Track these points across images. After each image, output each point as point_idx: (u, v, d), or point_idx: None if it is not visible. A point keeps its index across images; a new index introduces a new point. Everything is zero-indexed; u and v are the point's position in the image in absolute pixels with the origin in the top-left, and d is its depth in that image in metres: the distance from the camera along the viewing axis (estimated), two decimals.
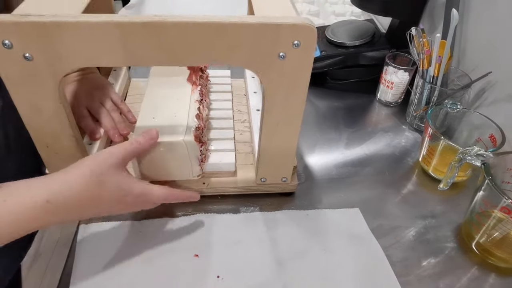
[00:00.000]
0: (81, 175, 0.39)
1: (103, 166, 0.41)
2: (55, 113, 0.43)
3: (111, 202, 0.42)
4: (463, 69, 0.69)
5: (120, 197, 0.42)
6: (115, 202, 0.42)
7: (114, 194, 0.41)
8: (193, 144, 0.49)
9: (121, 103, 0.62)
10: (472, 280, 0.48)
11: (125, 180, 0.43)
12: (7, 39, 0.36)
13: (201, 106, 0.55)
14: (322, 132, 0.71)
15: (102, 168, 0.40)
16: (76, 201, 0.39)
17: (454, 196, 0.59)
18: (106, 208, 0.42)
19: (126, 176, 0.43)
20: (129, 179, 0.43)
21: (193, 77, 0.59)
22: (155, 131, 0.47)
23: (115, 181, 0.41)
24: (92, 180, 0.39)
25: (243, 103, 0.69)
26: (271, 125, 0.47)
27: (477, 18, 0.67)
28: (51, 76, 0.39)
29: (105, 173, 0.40)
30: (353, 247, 0.51)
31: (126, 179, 0.43)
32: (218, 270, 0.47)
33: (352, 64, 0.79)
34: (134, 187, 0.43)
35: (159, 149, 0.48)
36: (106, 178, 0.40)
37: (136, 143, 0.45)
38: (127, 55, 0.39)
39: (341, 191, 0.59)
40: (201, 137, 0.51)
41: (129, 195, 0.42)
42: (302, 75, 0.42)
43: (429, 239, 0.53)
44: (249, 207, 0.55)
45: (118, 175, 0.42)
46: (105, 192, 0.40)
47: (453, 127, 0.64)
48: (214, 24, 0.37)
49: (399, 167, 0.64)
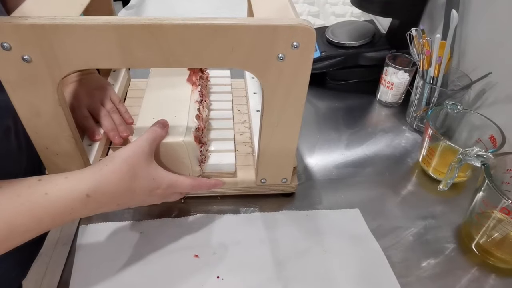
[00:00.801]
0: (118, 169, 0.41)
1: (135, 159, 0.42)
2: (54, 114, 0.43)
3: (144, 194, 0.43)
4: (463, 69, 0.69)
5: (152, 189, 0.43)
6: (146, 194, 0.44)
7: (146, 186, 0.43)
8: (193, 144, 0.49)
9: (119, 103, 0.62)
10: (472, 280, 0.48)
11: (156, 172, 0.44)
12: (6, 41, 0.36)
13: (201, 107, 0.55)
14: (322, 133, 0.71)
15: (134, 161, 0.42)
16: (113, 194, 0.41)
17: (454, 197, 0.59)
18: (139, 199, 0.44)
19: (157, 168, 0.44)
20: (159, 170, 0.45)
21: (193, 77, 0.59)
22: (163, 120, 0.49)
23: (147, 173, 0.43)
24: (128, 173, 0.41)
25: (243, 104, 0.69)
26: (271, 126, 0.47)
27: (477, 18, 0.67)
28: (49, 78, 0.39)
29: (137, 165, 0.42)
30: (353, 248, 0.51)
31: (157, 171, 0.44)
32: (218, 270, 0.47)
33: (352, 64, 0.79)
34: (164, 178, 0.44)
35: (159, 149, 0.48)
36: (139, 170, 0.42)
37: (154, 132, 0.46)
38: (126, 57, 0.39)
39: (341, 191, 0.59)
40: (201, 137, 0.52)
41: (159, 187, 0.44)
42: (302, 76, 0.42)
43: (429, 239, 0.53)
44: (249, 208, 0.55)
45: (149, 167, 0.43)
46: (138, 184, 0.42)
47: (453, 128, 0.64)
48: (213, 26, 0.37)
49: (399, 168, 0.64)
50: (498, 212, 0.46)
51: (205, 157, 0.54)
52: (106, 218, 0.52)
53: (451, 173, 0.52)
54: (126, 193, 0.41)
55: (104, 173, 0.40)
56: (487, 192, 0.47)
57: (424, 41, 0.65)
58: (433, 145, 0.59)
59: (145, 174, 0.43)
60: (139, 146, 0.43)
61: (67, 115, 0.44)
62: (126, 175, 0.41)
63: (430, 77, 0.66)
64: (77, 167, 0.49)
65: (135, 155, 0.42)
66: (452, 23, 0.61)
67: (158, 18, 0.37)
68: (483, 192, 0.48)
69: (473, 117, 0.60)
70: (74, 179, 0.39)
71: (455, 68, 0.70)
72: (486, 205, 0.48)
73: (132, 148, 0.43)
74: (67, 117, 0.44)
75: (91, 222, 0.51)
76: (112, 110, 0.60)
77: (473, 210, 0.51)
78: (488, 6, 0.64)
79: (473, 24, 0.68)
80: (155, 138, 0.46)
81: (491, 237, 0.49)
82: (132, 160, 0.42)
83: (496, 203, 0.46)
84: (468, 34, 0.69)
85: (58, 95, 0.41)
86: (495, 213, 0.47)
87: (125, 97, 0.70)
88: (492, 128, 0.57)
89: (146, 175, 0.43)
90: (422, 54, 0.66)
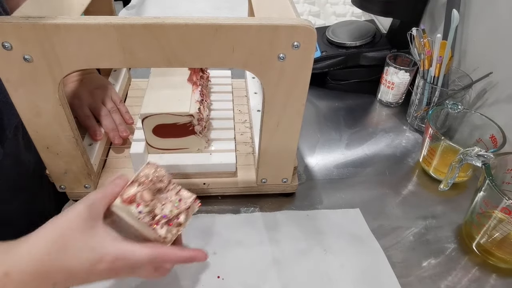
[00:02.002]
0: (42, 241, 0.33)
1: (65, 226, 0.34)
2: (55, 114, 0.43)
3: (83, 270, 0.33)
4: (464, 69, 0.69)
5: (92, 263, 0.34)
6: (87, 271, 0.34)
7: (84, 260, 0.33)
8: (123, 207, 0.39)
9: (120, 103, 0.62)
10: (472, 281, 0.48)
11: (96, 241, 0.34)
12: (7, 41, 0.36)
13: (202, 107, 0.55)
14: (322, 133, 0.71)
15: (64, 229, 0.34)
16: (39, 271, 0.32)
17: (454, 197, 0.59)
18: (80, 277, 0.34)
19: (98, 235, 0.35)
20: (103, 238, 0.35)
21: (194, 77, 0.59)
22: (123, 177, 0.39)
23: (83, 242, 0.34)
24: (55, 244, 0.33)
25: (243, 104, 0.69)
26: (271, 126, 0.47)
27: (478, 18, 0.66)
28: (50, 77, 0.39)
29: (68, 234, 0.34)
30: (354, 248, 0.51)
31: (97, 239, 0.34)
32: (218, 270, 0.47)
33: (353, 64, 0.79)
34: (108, 248, 0.34)
35: None
36: (71, 240, 0.33)
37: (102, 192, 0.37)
38: (126, 57, 0.39)
39: (341, 191, 0.59)
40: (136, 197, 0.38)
41: (103, 260, 0.34)
42: (302, 76, 0.42)
43: (429, 239, 0.53)
44: (250, 208, 0.55)
45: (86, 235, 0.34)
46: (72, 257, 0.33)
47: (453, 128, 0.64)
48: (214, 26, 0.37)
49: (400, 168, 0.64)
50: (498, 212, 0.46)
51: (157, 216, 0.38)
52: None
53: (452, 173, 0.52)
54: (58, 270, 0.33)
55: (26, 246, 0.32)
56: (488, 192, 0.47)
57: (425, 41, 0.65)
58: (433, 145, 0.59)
59: (80, 244, 0.34)
60: (73, 211, 0.35)
61: (68, 115, 0.44)
62: (52, 247, 0.33)
63: (431, 77, 0.66)
64: (77, 167, 0.49)
65: (66, 221, 0.34)
66: (453, 23, 0.60)
67: (159, 18, 0.37)
68: (483, 192, 0.48)
69: (474, 117, 0.60)
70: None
71: (456, 68, 0.70)
72: (486, 205, 0.48)
73: (65, 214, 0.35)
74: (68, 116, 0.44)
75: None
76: (113, 109, 0.60)
77: (473, 210, 0.51)
78: (489, 5, 0.64)
79: (474, 24, 0.67)
80: (102, 198, 0.37)
81: (492, 237, 0.49)
82: (61, 229, 0.34)
83: (497, 203, 0.46)
84: (469, 34, 0.69)
85: (59, 94, 0.41)
86: (496, 213, 0.47)
87: (125, 97, 0.70)
88: (493, 128, 0.57)
89: (81, 245, 0.33)
90: (423, 54, 0.66)
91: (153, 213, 0.38)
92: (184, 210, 0.39)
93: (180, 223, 0.39)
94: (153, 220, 0.37)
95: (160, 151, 0.55)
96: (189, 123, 0.52)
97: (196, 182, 0.55)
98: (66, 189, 0.52)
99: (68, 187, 0.52)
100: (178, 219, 0.39)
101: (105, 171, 0.56)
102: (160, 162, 0.53)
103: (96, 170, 0.54)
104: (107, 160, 0.58)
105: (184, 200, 0.40)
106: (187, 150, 0.55)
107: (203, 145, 0.55)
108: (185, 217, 0.39)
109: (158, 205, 0.38)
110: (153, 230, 0.37)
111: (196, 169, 0.54)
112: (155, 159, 0.54)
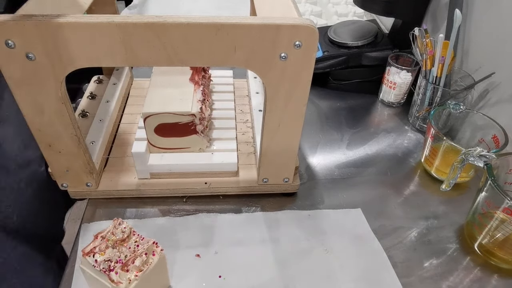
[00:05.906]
0: None
1: None
2: (57, 112, 0.43)
3: None
4: (466, 69, 0.69)
5: None
6: None
7: None
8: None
9: None
10: (474, 281, 0.48)
11: None
12: (10, 39, 0.36)
13: (204, 106, 0.55)
14: (324, 133, 0.71)
15: None
16: None
17: (456, 197, 0.59)
18: None
19: None
20: None
21: (196, 77, 0.59)
22: None
23: None
24: None
25: (245, 104, 0.69)
26: (273, 125, 0.47)
27: (480, 18, 0.66)
28: (53, 75, 0.39)
29: None
30: (355, 248, 0.50)
31: None
32: (219, 270, 0.47)
33: (355, 64, 0.79)
34: None
35: None
36: None
37: None
38: (129, 56, 0.39)
39: (343, 191, 0.59)
40: (96, 249, 0.40)
41: None
42: (304, 76, 0.42)
43: (431, 240, 0.53)
44: (251, 207, 0.55)
45: None
46: None
47: (455, 128, 0.64)
48: (216, 25, 0.37)
49: (401, 168, 0.64)
50: (500, 213, 0.46)
51: (112, 263, 0.39)
52: (108, 216, 0.52)
53: (454, 173, 0.52)
54: None
55: None
56: (490, 192, 0.47)
57: (427, 41, 0.65)
58: (435, 145, 0.59)
59: None
60: None
61: (70, 113, 0.44)
62: None
63: (433, 77, 0.66)
64: (79, 165, 0.49)
65: None
66: (456, 23, 0.60)
67: (161, 17, 0.37)
68: (485, 192, 0.48)
69: (476, 117, 0.60)
70: None
71: (458, 68, 0.69)
72: (488, 206, 0.48)
73: None
74: (70, 115, 0.44)
75: (93, 221, 0.51)
76: None
77: (475, 210, 0.51)
78: (491, 5, 0.64)
79: (476, 24, 0.67)
80: None
81: (494, 238, 0.49)
82: None
83: (499, 203, 0.46)
84: (471, 34, 0.69)
85: (62, 92, 0.41)
86: (498, 214, 0.47)
87: (127, 96, 0.71)
88: (495, 128, 0.57)
89: None
90: (425, 54, 0.66)
91: (109, 261, 0.39)
92: (140, 254, 0.40)
93: (137, 267, 0.40)
94: (108, 267, 0.39)
95: (161, 150, 0.55)
96: (191, 123, 0.52)
97: (197, 182, 0.55)
98: (68, 187, 0.52)
99: (70, 185, 0.52)
100: (134, 263, 0.39)
101: (107, 169, 0.56)
102: (162, 161, 0.54)
103: (98, 168, 0.54)
104: (109, 158, 0.58)
105: (142, 245, 0.41)
106: (189, 149, 0.55)
107: (205, 144, 0.55)
108: (141, 261, 0.40)
109: (116, 253, 0.40)
110: (108, 276, 0.39)
111: (198, 168, 0.55)
112: (156, 158, 0.54)
